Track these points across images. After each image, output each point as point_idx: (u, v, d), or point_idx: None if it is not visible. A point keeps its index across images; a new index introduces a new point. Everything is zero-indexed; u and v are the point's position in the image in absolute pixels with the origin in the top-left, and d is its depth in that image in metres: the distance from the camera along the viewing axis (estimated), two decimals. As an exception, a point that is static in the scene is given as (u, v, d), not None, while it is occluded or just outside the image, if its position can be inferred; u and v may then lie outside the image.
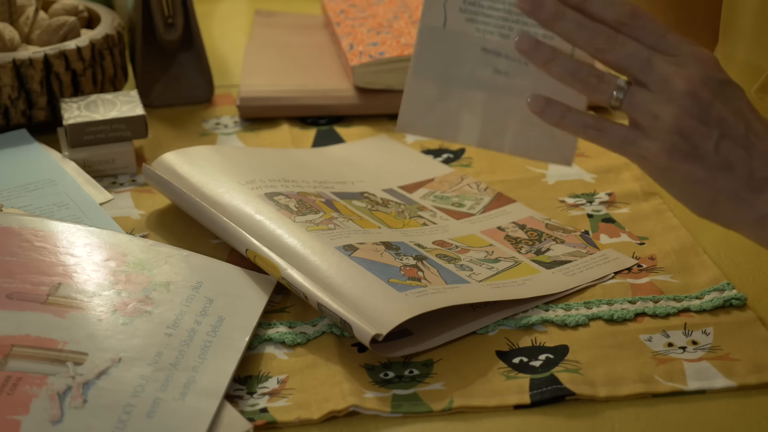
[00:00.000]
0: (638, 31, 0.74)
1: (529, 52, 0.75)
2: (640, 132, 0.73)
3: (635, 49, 0.73)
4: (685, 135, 0.72)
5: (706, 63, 0.73)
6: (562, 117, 0.75)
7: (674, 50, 0.73)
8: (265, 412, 0.76)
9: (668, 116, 0.72)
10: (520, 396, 0.77)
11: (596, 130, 0.74)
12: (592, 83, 0.74)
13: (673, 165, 0.72)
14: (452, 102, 0.77)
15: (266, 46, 1.36)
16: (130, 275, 0.85)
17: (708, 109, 0.72)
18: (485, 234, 0.97)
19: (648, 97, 0.73)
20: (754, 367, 0.79)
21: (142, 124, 1.09)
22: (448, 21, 0.77)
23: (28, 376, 0.73)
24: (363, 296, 0.83)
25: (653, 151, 0.73)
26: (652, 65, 0.73)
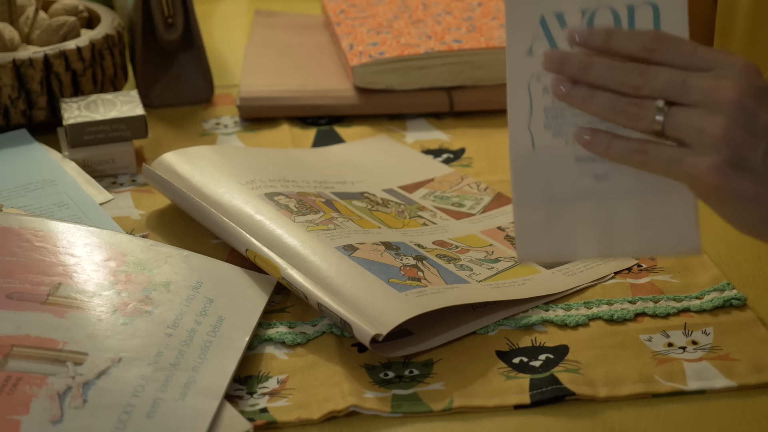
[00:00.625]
0: (667, 55, 0.71)
1: (566, 97, 0.73)
2: (687, 149, 0.70)
3: (669, 75, 0.71)
4: (733, 146, 0.69)
5: (745, 71, 0.71)
6: (608, 146, 0.72)
7: (709, 65, 0.71)
8: (265, 412, 0.76)
9: (715, 127, 0.69)
10: (520, 396, 0.77)
11: (642, 153, 0.71)
12: (632, 112, 0.71)
13: (723, 182, 0.69)
14: (563, 221, 0.74)
15: (266, 46, 1.36)
16: (130, 275, 0.85)
17: (754, 118, 0.69)
18: (485, 234, 0.97)
19: (691, 113, 0.70)
20: (754, 367, 0.79)
21: (142, 124, 1.09)
22: (536, 142, 0.75)
23: (28, 376, 0.73)
24: (363, 296, 0.83)
25: (702, 168, 0.69)
26: (690, 85, 0.70)
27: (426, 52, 1.22)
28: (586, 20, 0.74)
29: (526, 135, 0.75)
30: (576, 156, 0.74)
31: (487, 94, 1.22)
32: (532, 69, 0.75)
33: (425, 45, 1.23)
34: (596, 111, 0.72)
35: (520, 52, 0.75)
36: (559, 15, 0.75)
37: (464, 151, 1.14)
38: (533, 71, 0.75)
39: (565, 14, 0.74)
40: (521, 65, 0.75)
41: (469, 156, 1.13)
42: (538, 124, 0.75)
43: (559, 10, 0.75)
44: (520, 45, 0.75)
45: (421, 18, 1.31)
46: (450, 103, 1.22)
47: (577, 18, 0.74)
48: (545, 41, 0.75)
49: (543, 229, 0.75)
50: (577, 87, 0.73)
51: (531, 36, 0.75)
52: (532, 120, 0.75)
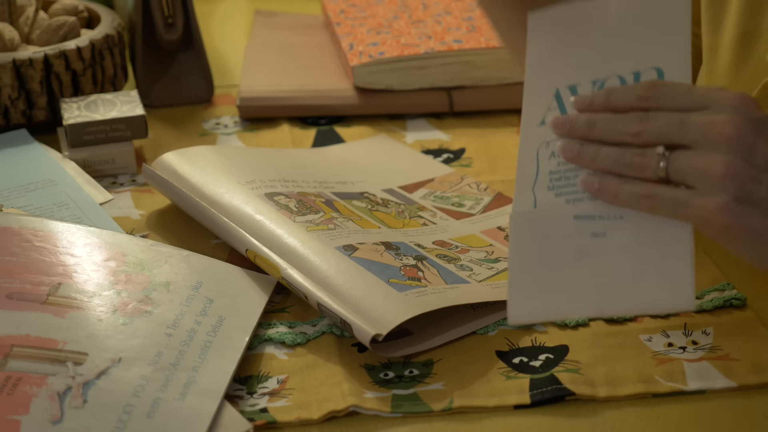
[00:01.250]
0: (663, 99, 0.72)
1: (576, 158, 0.74)
2: (693, 192, 0.70)
3: (667, 117, 0.71)
4: (737, 182, 0.69)
5: (741, 104, 0.71)
6: (616, 193, 0.72)
7: (704, 103, 0.71)
8: (265, 412, 0.76)
9: (716, 166, 0.69)
10: (520, 396, 0.77)
11: (649, 198, 0.71)
12: (637, 163, 0.71)
13: (733, 221, 0.69)
14: (557, 282, 0.75)
15: (266, 46, 1.36)
16: (130, 275, 0.85)
17: (754, 150, 0.69)
18: (485, 234, 0.97)
19: (691, 155, 0.70)
20: (754, 367, 0.79)
21: (142, 124, 1.09)
22: (537, 201, 0.77)
23: (28, 376, 0.73)
24: (363, 296, 0.83)
25: (709, 209, 0.69)
26: (687, 125, 0.70)
27: (426, 52, 1.22)
28: (597, 88, 0.76)
29: (529, 196, 0.77)
30: (575, 214, 0.75)
31: (487, 94, 1.22)
32: (543, 137, 0.77)
33: (425, 45, 1.23)
34: (604, 167, 0.73)
35: (534, 123, 0.78)
36: (572, 87, 0.77)
37: (464, 151, 1.14)
38: (544, 138, 0.77)
39: (578, 86, 0.77)
40: (533, 134, 0.78)
41: (469, 156, 1.13)
42: (542, 186, 0.77)
43: (572, 83, 0.77)
44: (534, 116, 0.78)
45: (421, 18, 1.32)
46: (450, 103, 1.22)
47: (589, 88, 0.77)
48: (558, 112, 0.77)
49: (536, 291, 0.75)
50: (586, 146, 0.74)
51: (545, 108, 0.78)
52: (537, 182, 0.77)
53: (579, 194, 0.75)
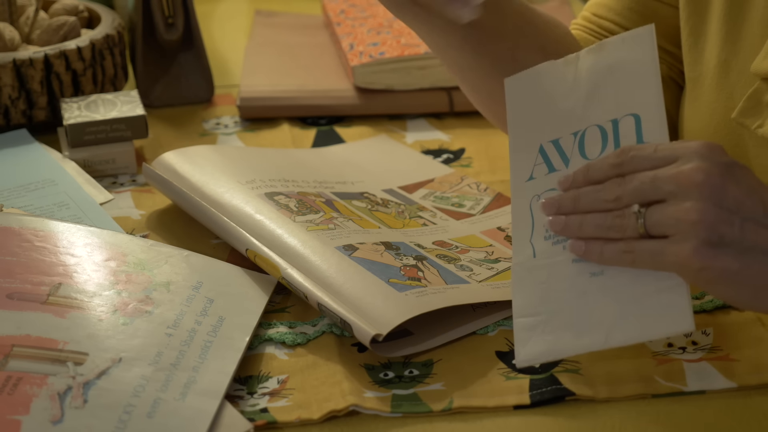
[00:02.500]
0: (634, 162, 0.74)
1: (564, 230, 0.77)
2: (667, 240, 0.72)
3: (640, 178, 0.73)
4: (708, 226, 0.70)
5: (707, 152, 0.73)
6: (601, 252, 0.75)
7: (672, 157, 0.73)
8: (266, 412, 0.76)
9: (688, 213, 0.71)
10: (520, 396, 0.77)
11: (629, 252, 0.74)
12: (618, 225, 0.74)
13: (706, 263, 0.70)
14: (560, 322, 0.77)
15: (266, 46, 1.36)
16: (130, 275, 0.85)
17: (723, 194, 0.71)
18: (485, 234, 0.97)
19: (665, 207, 0.72)
20: (754, 367, 0.79)
21: (142, 124, 1.09)
22: (536, 252, 0.79)
23: (28, 376, 0.73)
24: (363, 296, 0.83)
25: (683, 255, 0.71)
26: (658, 179, 0.73)
27: (426, 52, 1.22)
28: (578, 141, 0.79)
29: (528, 248, 0.79)
30: (573, 258, 0.77)
31: (487, 94, 1.22)
32: (534, 191, 0.80)
33: (425, 45, 1.23)
34: (590, 233, 0.75)
35: (523, 179, 0.81)
36: (555, 141, 0.80)
37: (464, 152, 1.14)
38: (534, 192, 0.80)
39: (561, 140, 0.80)
40: (524, 189, 0.81)
41: (469, 156, 1.13)
42: (539, 237, 0.79)
43: (554, 138, 0.80)
44: (522, 173, 0.81)
45: (422, 18, 1.31)
46: (450, 104, 1.22)
47: (570, 140, 0.80)
48: (544, 166, 0.80)
49: (541, 334, 0.77)
50: (571, 218, 0.76)
51: (532, 164, 0.81)
52: (534, 234, 0.79)
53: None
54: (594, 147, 0.79)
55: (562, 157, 0.80)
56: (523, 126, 0.83)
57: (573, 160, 0.80)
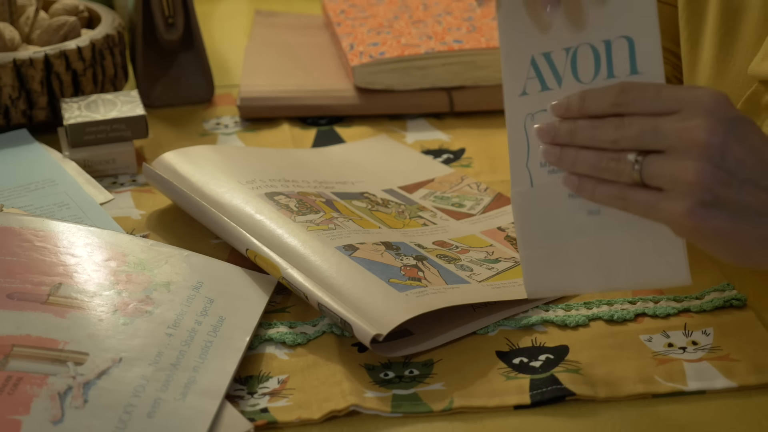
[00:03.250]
0: (635, 104, 0.73)
1: (558, 162, 0.76)
2: (662, 194, 0.72)
3: (641, 123, 0.72)
4: (705, 188, 0.70)
5: (714, 106, 0.72)
6: (593, 192, 0.75)
7: (675, 105, 0.72)
8: (266, 412, 0.76)
9: (687, 173, 0.70)
10: (520, 396, 0.77)
11: (621, 199, 0.73)
12: (612, 168, 0.73)
13: (699, 224, 0.71)
14: (563, 257, 0.78)
15: (266, 46, 1.36)
16: (130, 275, 0.85)
17: (724, 154, 0.70)
18: (485, 234, 0.97)
19: (663, 160, 0.72)
20: (754, 367, 0.79)
21: (142, 124, 1.09)
22: (534, 180, 0.79)
23: (28, 376, 0.73)
24: (363, 296, 0.83)
25: (677, 213, 0.71)
26: (661, 131, 0.72)
27: (426, 53, 1.22)
28: (570, 58, 0.78)
29: (525, 174, 0.79)
30: (569, 193, 0.77)
31: (487, 94, 1.22)
32: (527, 108, 0.79)
33: (426, 45, 1.23)
34: (584, 171, 0.75)
35: (516, 92, 0.80)
36: (547, 54, 0.79)
37: (464, 152, 1.14)
38: (528, 111, 0.79)
39: (552, 53, 0.78)
40: (517, 105, 0.80)
41: (469, 156, 1.13)
42: (535, 163, 0.79)
43: (546, 50, 0.79)
44: (515, 87, 0.80)
45: (422, 18, 1.32)
46: (450, 104, 1.22)
47: (562, 55, 0.78)
48: (537, 81, 0.79)
49: (546, 265, 0.79)
50: (566, 151, 0.76)
51: (524, 76, 0.79)
52: (530, 159, 0.79)
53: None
54: (587, 69, 0.77)
55: (555, 75, 0.79)
56: (514, 34, 0.80)
57: (566, 80, 0.78)
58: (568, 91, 0.77)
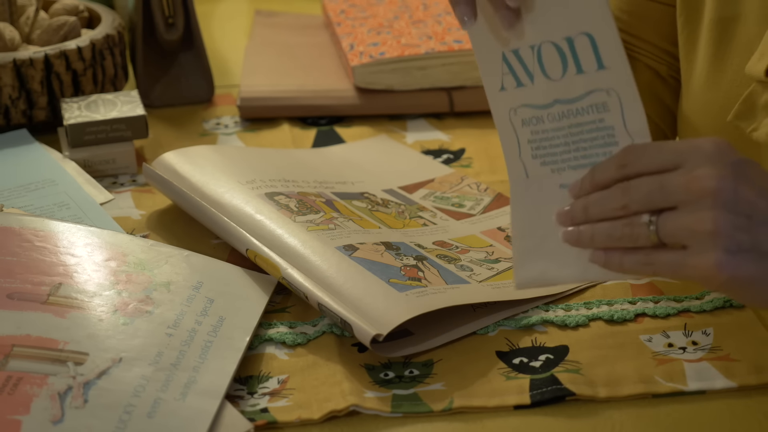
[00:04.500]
0: (638, 165, 0.73)
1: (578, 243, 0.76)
2: (686, 252, 0.71)
3: (647, 184, 0.72)
4: (726, 235, 0.69)
5: (713, 151, 0.71)
6: (621, 263, 0.74)
7: (678, 159, 0.72)
8: (266, 412, 0.76)
9: (703, 223, 0.70)
10: (521, 396, 0.77)
11: (649, 264, 0.73)
12: (627, 234, 0.73)
13: (731, 274, 0.70)
14: (549, 249, 0.79)
15: (266, 46, 1.36)
16: (130, 275, 0.85)
17: (736, 199, 0.70)
18: (485, 234, 0.97)
19: (677, 216, 0.71)
20: (754, 367, 0.79)
21: (142, 124, 1.09)
22: (528, 171, 0.81)
23: (28, 376, 0.73)
24: (363, 296, 0.83)
25: (705, 267, 0.70)
26: (668, 188, 0.71)
27: (426, 53, 1.22)
28: (536, 55, 0.78)
29: (519, 165, 0.81)
30: (560, 183, 0.79)
31: (487, 94, 1.22)
32: (508, 103, 0.81)
33: (426, 45, 1.23)
34: (603, 244, 0.75)
35: (495, 88, 0.81)
36: (515, 51, 0.79)
37: (464, 152, 1.14)
38: (509, 105, 0.81)
39: (520, 50, 0.79)
40: (498, 100, 0.81)
41: (469, 156, 1.13)
42: (527, 155, 0.80)
43: (514, 48, 0.79)
44: (493, 82, 0.81)
45: (422, 18, 1.32)
46: (450, 104, 1.22)
47: (529, 53, 0.79)
48: (511, 77, 0.80)
49: (536, 256, 0.80)
50: (582, 230, 0.76)
51: (500, 72, 0.81)
52: (521, 151, 0.81)
53: (560, 163, 0.79)
54: (554, 66, 0.78)
55: (526, 72, 0.79)
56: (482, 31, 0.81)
57: (537, 77, 0.79)
58: (541, 87, 0.78)
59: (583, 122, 0.77)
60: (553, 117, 0.79)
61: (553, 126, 0.79)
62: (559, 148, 0.79)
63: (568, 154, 0.79)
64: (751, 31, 0.88)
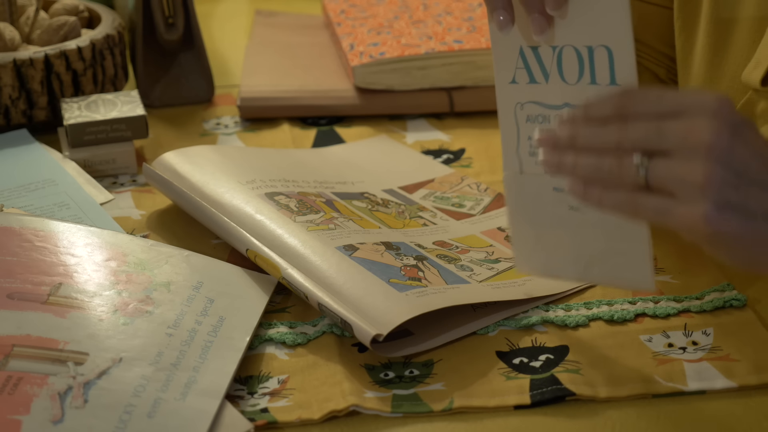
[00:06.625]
0: (638, 107, 0.72)
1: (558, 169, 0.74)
2: (674, 200, 0.70)
3: (644, 127, 0.71)
4: (715, 190, 0.69)
5: (715, 107, 0.71)
6: (600, 199, 0.73)
7: (678, 108, 0.71)
8: (266, 412, 0.76)
9: (695, 175, 0.69)
10: (521, 396, 0.77)
11: (631, 205, 0.72)
12: (615, 171, 0.72)
13: (716, 228, 0.69)
14: (547, 242, 0.81)
15: (266, 46, 1.36)
16: (130, 275, 0.85)
17: (731, 156, 0.69)
18: (485, 234, 0.97)
19: (670, 163, 0.70)
20: (754, 367, 0.79)
21: (142, 124, 1.09)
22: (523, 167, 0.81)
23: (29, 376, 0.73)
24: (363, 296, 0.83)
25: (692, 218, 0.69)
26: (665, 133, 0.70)
27: (426, 53, 1.22)
28: (556, 56, 0.79)
29: (515, 159, 0.82)
30: (554, 186, 0.79)
31: (487, 94, 1.22)
32: (516, 97, 0.81)
33: (426, 45, 1.23)
34: (585, 175, 0.73)
35: (505, 80, 0.82)
36: (534, 49, 0.80)
37: (464, 152, 1.14)
38: (517, 99, 0.81)
39: (540, 48, 0.80)
40: (507, 92, 0.82)
41: (469, 156, 1.13)
42: (525, 151, 0.81)
43: (534, 44, 0.80)
44: (505, 74, 0.82)
45: (422, 18, 1.32)
46: (450, 104, 1.22)
47: (549, 51, 0.79)
48: (525, 72, 0.81)
49: (532, 246, 0.82)
50: (565, 155, 0.74)
51: (514, 66, 0.81)
52: (520, 146, 0.81)
53: None
54: (572, 70, 0.78)
55: (542, 70, 0.79)
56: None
57: (552, 77, 0.79)
58: (554, 87, 0.79)
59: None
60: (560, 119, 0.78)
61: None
62: None
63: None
64: (746, 38, 0.88)
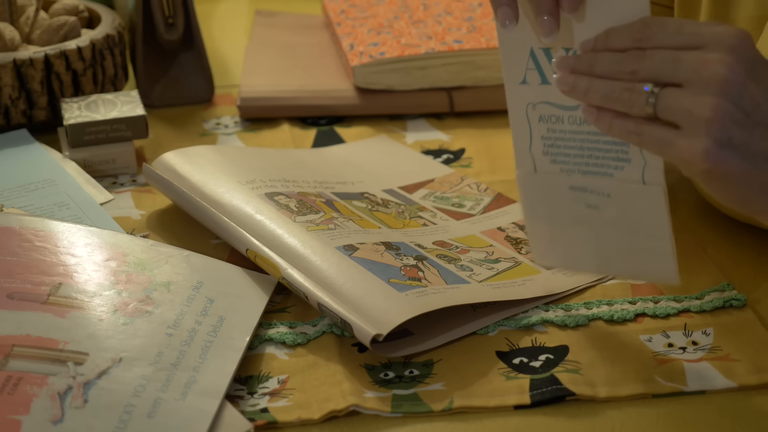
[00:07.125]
0: (656, 39, 0.72)
1: (571, 91, 0.74)
2: (677, 131, 0.70)
3: (661, 56, 0.71)
4: (720, 126, 0.69)
5: (736, 42, 0.70)
6: (610, 125, 0.73)
7: (697, 40, 0.71)
8: (266, 412, 0.76)
9: (703, 108, 0.69)
10: (521, 396, 0.77)
11: (637, 134, 0.72)
12: (625, 98, 0.72)
13: (711, 165, 0.69)
14: (564, 238, 0.82)
15: (266, 46, 1.36)
16: (130, 275, 0.85)
17: (741, 93, 0.69)
18: (485, 234, 0.97)
19: (680, 94, 0.70)
20: (754, 367, 0.79)
21: (142, 124, 1.09)
22: (537, 165, 0.81)
23: (28, 376, 0.73)
24: (363, 296, 0.83)
25: (692, 152, 0.69)
26: (680, 63, 0.70)
27: (426, 53, 1.22)
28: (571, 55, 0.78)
29: (528, 158, 0.81)
30: (570, 185, 0.79)
31: (487, 94, 1.22)
32: (528, 98, 0.80)
33: (426, 45, 1.23)
34: (596, 100, 0.74)
35: (516, 80, 0.80)
36: (546, 50, 0.79)
37: (464, 152, 1.14)
38: (529, 100, 0.80)
39: (552, 50, 0.79)
40: (517, 92, 0.81)
41: (469, 156, 1.13)
42: (538, 150, 0.80)
43: (545, 46, 0.79)
44: (515, 75, 0.80)
45: (422, 18, 1.32)
46: (450, 104, 1.22)
47: (562, 53, 0.78)
48: (536, 73, 0.79)
49: (549, 242, 0.82)
50: (580, 79, 0.74)
51: (524, 66, 0.80)
52: (533, 145, 0.81)
53: (571, 165, 0.79)
54: None
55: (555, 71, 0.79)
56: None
57: None
58: None
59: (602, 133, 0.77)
60: (573, 120, 0.78)
61: (572, 129, 0.79)
62: (573, 151, 0.79)
63: (581, 158, 0.79)
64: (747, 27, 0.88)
